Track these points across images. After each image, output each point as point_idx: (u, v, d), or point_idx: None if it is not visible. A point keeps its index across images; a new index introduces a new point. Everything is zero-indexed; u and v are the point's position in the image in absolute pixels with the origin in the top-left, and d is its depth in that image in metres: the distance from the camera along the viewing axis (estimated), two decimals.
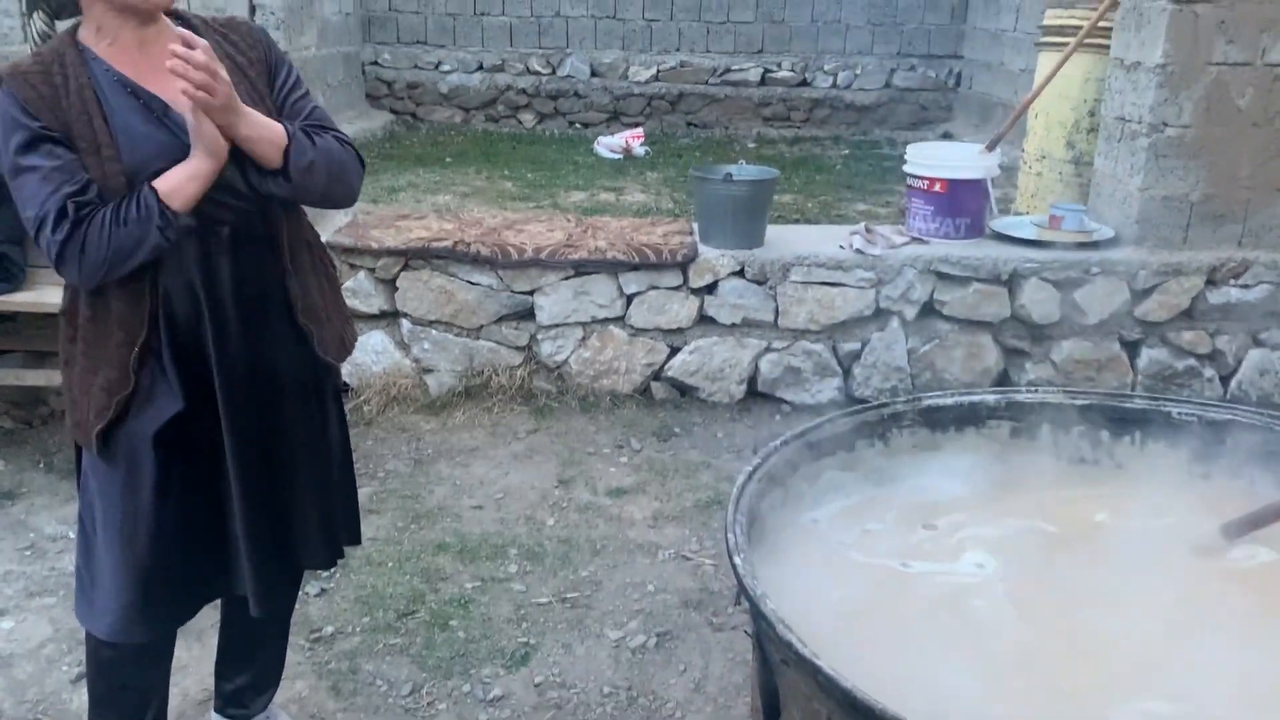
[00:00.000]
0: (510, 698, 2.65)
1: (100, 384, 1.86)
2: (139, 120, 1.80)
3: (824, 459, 1.95)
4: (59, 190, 1.72)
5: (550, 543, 3.37)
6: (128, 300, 1.84)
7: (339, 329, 2.12)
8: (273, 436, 1.99)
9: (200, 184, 1.77)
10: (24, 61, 1.79)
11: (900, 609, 1.55)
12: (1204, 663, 1.37)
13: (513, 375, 4.35)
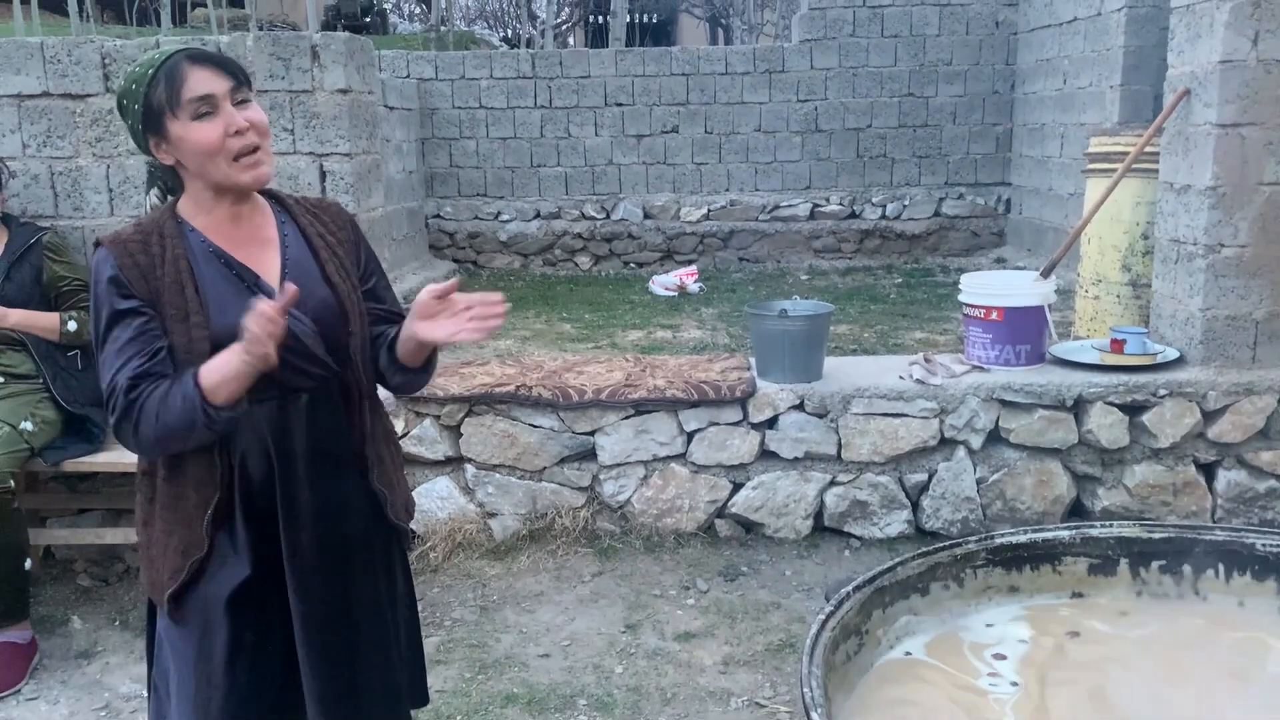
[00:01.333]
0: None
1: (176, 545, 1.90)
2: (230, 289, 1.90)
3: (897, 603, 1.92)
4: (128, 364, 1.80)
5: (619, 692, 3.31)
6: (203, 463, 1.89)
7: (406, 493, 2.16)
8: (342, 601, 2.00)
9: (243, 384, 1.79)
10: (125, 230, 1.91)
11: None
12: None
13: (576, 516, 4.35)
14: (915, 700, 1.67)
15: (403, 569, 2.19)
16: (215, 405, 1.77)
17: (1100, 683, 1.73)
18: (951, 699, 1.66)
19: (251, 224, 1.98)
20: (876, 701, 1.68)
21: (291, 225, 2.04)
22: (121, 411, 1.80)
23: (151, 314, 1.85)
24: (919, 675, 1.75)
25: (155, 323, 1.85)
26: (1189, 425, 4.08)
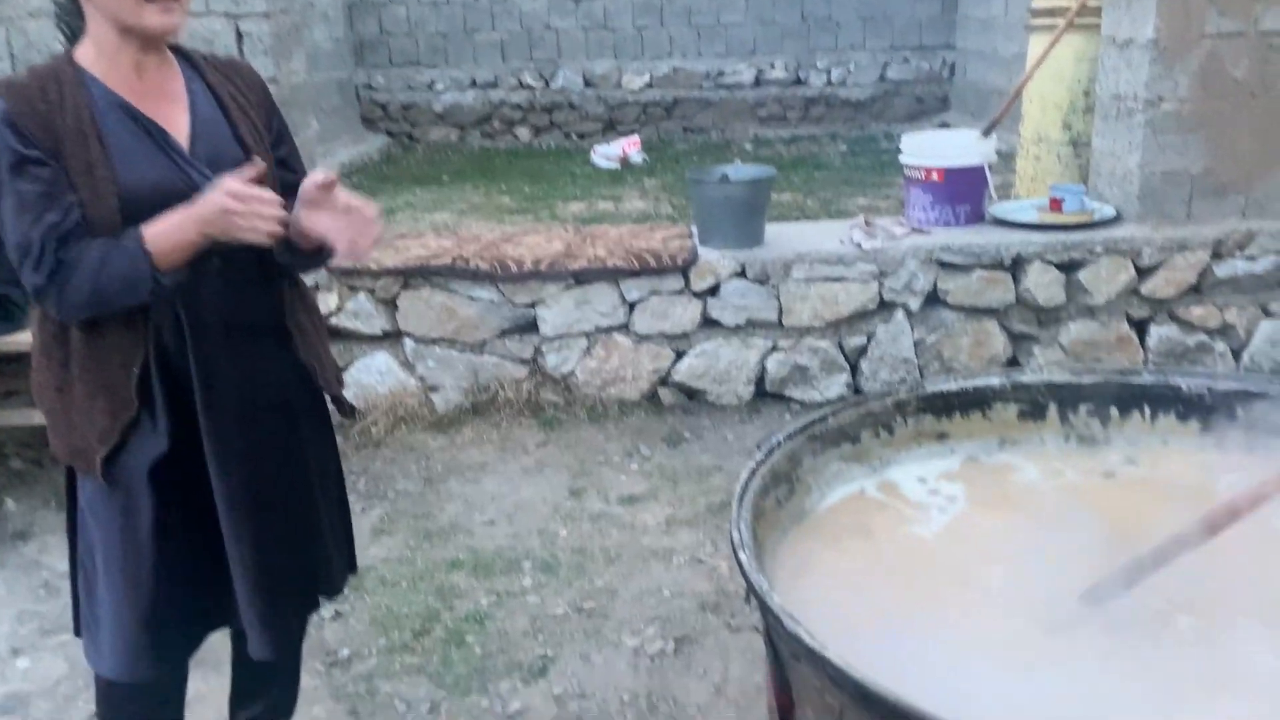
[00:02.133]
0: (530, 711, 2.63)
1: (102, 407, 1.83)
2: (136, 144, 1.78)
3: (829, 450, 1.92)
4: (42, 218, 1.70)
5: (564, 554, 3.35)
6: (125, 326, 1.81)
7: (334, 364, 2.11)
8: (266, 477, 1.96)
9: (192, 254, 1.75)
10: (19, 76, 1.78)
11: (915, 595, 1.53)
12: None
13: (519, 389, 4.34)
14: (849, 539, 1.70)
15: (330, 442, 2.16)
16: (163, 271, 1.72)
17: (1034, 518, 1.76)
18: (884, 537, 1.68)
19: (158, 77, 1.85)
20: (810, 541, 1.70)
21: (200, 83, 1.91)
22: (50, 270, 1.71)
23: (57, 165, 1.74)
24: (852, 516, 1.78)
25: (62, 175, 1.74)
26: (1124, 282, 4.13)
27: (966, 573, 1.59)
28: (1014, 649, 1.36)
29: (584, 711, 2.62)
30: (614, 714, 2.60)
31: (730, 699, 2.64)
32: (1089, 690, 1.26)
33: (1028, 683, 1.28)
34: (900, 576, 1.59)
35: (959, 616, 1.45)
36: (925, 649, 1.35)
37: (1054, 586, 1.49)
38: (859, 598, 1.52)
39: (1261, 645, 1.37)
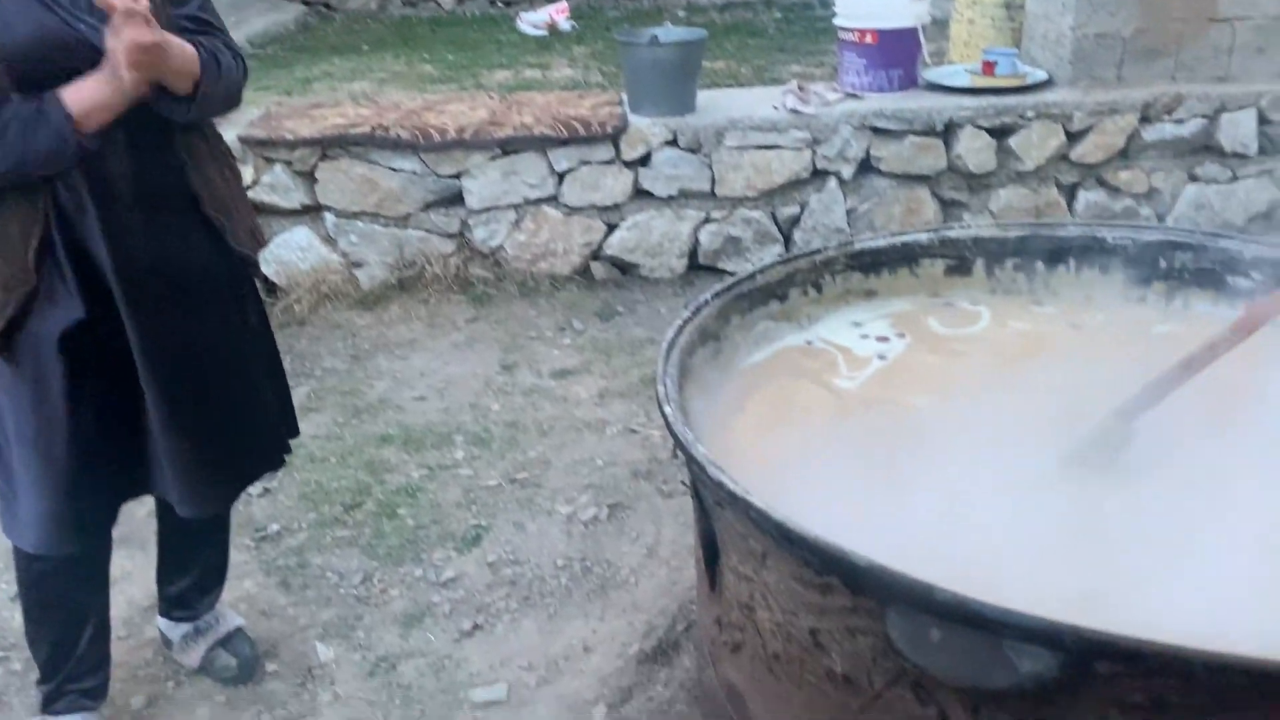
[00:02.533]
0: (464, 578, 2.63)
1: None
2: (11, 2, 1.65)
3: (757, 309, 1.90)
4: None
5: (497, 427, 3.33)
6: (23, 195, 1.71)
7: (248, 220, 2.02)
8: (187, 337, 1.89)
9: (115, 114, 1.69)
10: None
11: (842, 446, 1.52)
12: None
13: (446, 264, 4.24)
14: (777, 391, 1.68)
15: (254, 302, 2.08)
16: (86, 136, 1.66)
17: (963, 366, 1.76)
18: (811, 389, 1.67)
19: None
20: (737, 395, 1.68)
21: None
22: None
23: None
24: (780, 370, 1.76)
25: None
26: (1054, 147, 4.12)
27: (895, 419, 1.59)
28: (942, 487, 1.37)
29: (518, 576, 2.63)
30: (548, 578, 2.62)
31: (663, 560, 2.67)
32: (1006, 520, 1.27)
33: (955, 518, 1.29)
34: (828, 426, 1.58)
35: (890, 461, 1.45)
36: (852, 493, 1.35)
37: (988, 427, 1.50)
38: (785, 446, 1.51)
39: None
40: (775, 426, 1.57)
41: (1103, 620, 0.96)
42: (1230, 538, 1.24)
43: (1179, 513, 1.29)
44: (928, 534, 1.28)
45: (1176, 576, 1.17)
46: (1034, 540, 1.22)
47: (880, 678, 1.15)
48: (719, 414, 1.65)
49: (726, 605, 1.41)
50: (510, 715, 2.22)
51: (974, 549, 1.22)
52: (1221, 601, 1.11)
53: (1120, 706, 1.01)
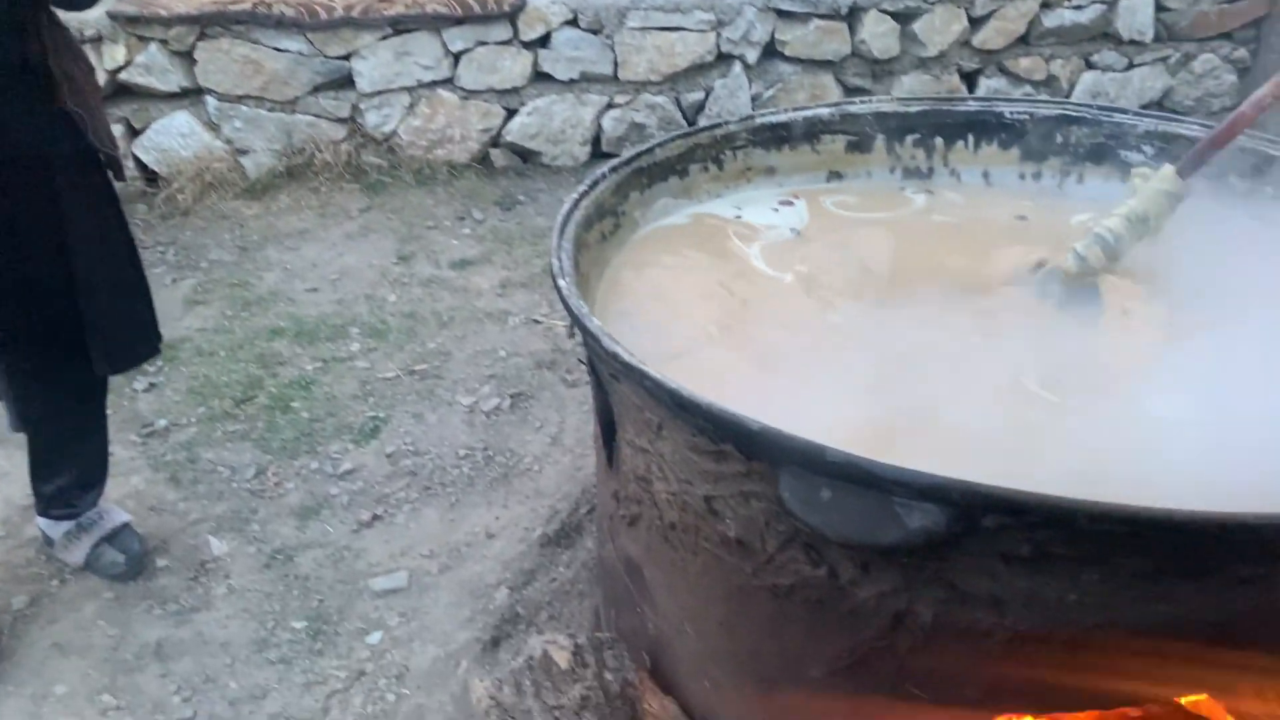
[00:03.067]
0: (362, 470, 2.58)
1: None
2: None
3: (656, 185, 1.85)
4: None
5: (394, 318, 3.24)
6: None
7: (104, 119, 1.90)
8: (41, 233, 1.78)
9: None
10: None
11: (740, 319, 1.50)
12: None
13: (337, 151, 4.06)
14: (674, 265, 1.65)
15: (106, 201, 1.95)
16: None
17: (862, 241, 1.75)
18: (710, 261, 1.64)
19: None
20: (634, 268, 1.64)
21: None
22: None
23: None
24: (680, 243, 1.72)
25: None
26: (956, 32, 4.10)
27: (794, 289, 1.57)
28: (841, 355, 1.36)
29: (418, 467, 2.59)
30: (449, 468, 2.58)
31: (566, 447, 2.65)
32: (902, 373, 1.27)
33: (853, 380, 1.28)
34: (727, 296, 1.56)
35: (791, 330, 1.44)
36: (746, 362, 1.33)
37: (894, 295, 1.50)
38: (684, 319, 1.48)
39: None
40: (673, 300, 1.53)
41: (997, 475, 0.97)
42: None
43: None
44: (826, 399, 1.28)
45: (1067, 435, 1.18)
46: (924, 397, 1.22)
47: (773, 541, 1.15)
48: (616, 289, 1.60)
49: (624, 479, 1.39)
50: (412, 602, 2.20)
51: (874, 410, 1.22)
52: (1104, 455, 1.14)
53: (1006, 559, 1.03)
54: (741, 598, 1.21)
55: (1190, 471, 1.07)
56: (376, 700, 1.98)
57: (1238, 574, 1.01)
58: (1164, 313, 1.47)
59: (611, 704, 1.31)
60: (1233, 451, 1.15)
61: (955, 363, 1.32)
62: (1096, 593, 1.02)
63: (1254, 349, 1.28)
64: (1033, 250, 1.64)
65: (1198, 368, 1.29)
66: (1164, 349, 1.40)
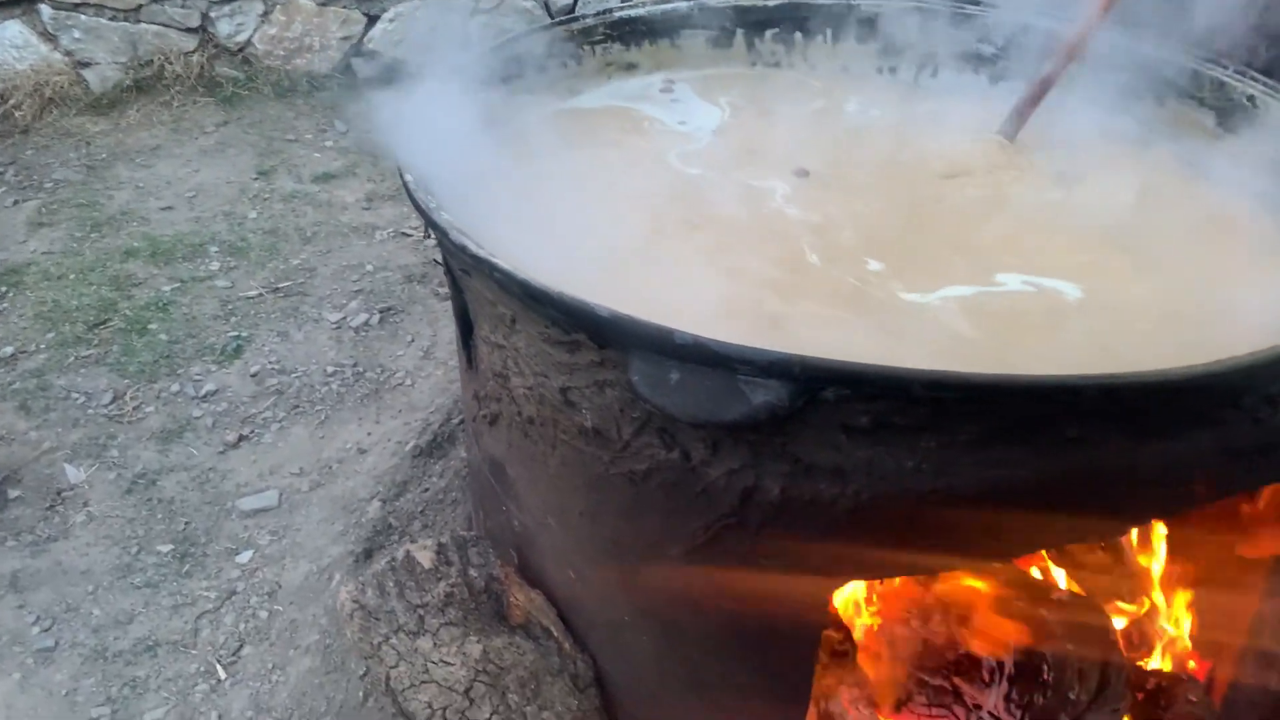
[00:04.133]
0: (225, 391, 2.50)
1: None
2: None
3: (512, 81, 1.80)
4: None
5: (255, 236, 3.12)
6: None
7: None
8: None
9: None
10: None
11: (605, 211, 1.49)
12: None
13: (189, 62, 3.85)
14: (531, 159, 1.62)
15: None
16: None
17: (726, 133, 1.74)
18: (567, 156, 1.61)
19: None
20: (490, 165, 1.60)
21: None
22: None
23: None
24: (538, 138, 1.69)
25: None
26: None
27: (653, 181, 1.56)
28: (694, 238, 1.36)
29: (284, 386, 2.52)
30: (318, 385, 2.53)
31: (439, 360, 2.62)
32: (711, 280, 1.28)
33: (713, 269, 1.29)
34: (582, 190, 1.54)
35: (650, 218, 1.43)
36: (601, 253, 1.32)
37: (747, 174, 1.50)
38: (543, 213, 1.46)
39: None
40: (532, 194, 1.51)
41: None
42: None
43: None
44: (682, 286, 1.28)
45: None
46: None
47: (628, 428, 1.15)
48: (470, 186, 1.57)
49: (483, 379, 1.38)
50: (283, 520, 2.16)
51: (734, 294, 1.23)
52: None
53: (847, 430, 1.06)
54: (600, 486, 1.22)
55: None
56: (249, 618, 1.95)
57: (1065, 435, 1.06)
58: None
59: (476, 599, 1.31)
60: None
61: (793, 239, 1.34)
62: (934, 459, 1.06)
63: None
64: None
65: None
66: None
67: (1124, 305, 1.29)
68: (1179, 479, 1.15)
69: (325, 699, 1.75)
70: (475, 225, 1.40)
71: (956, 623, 1.50)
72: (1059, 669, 1.44)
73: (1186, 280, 1.34)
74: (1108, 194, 1.54)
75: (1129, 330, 1.25)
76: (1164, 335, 1.24)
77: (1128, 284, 1.33)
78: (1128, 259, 1.38)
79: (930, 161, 1.62)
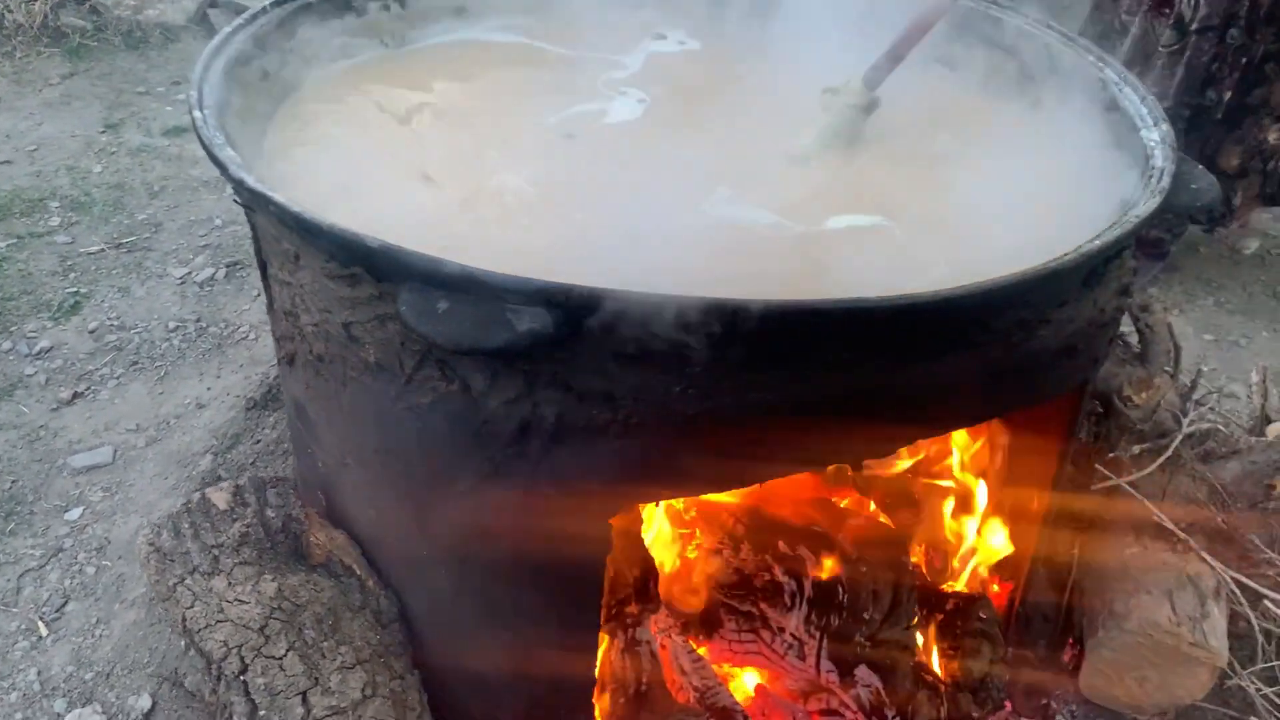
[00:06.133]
0: (61, 348, 2.42)
1: None
2: None
3: (331, 21, 1.77)
4: None
5: (99, 190, 3.01)
6: None
7: None
8: None
9: None
10: None
11: (400, 156, 1.48)
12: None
13: (30, 11, 3.68)
14: (344, 107, 1.60)
15: None
16: None
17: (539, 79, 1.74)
18: (377, 106, 1.60)
19: None
20: (302, 109, 1.58)
21: None
22: None
23: None
24: (353, 86, 1.67)
25: None
26: None
27: (447, 128, 1.56)
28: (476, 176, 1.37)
29: (124, 342, 2.45)
30: (158, 341, 2.47)
31: None
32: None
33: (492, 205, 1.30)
34: (390, 138, 1.53)
35: (442, 163, 1.43)
36: (403, 195, 1.32)
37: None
38: (344, 158, 1.45)
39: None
40: (338, 140, 1.49)
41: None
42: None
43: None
44: (462, 221, 1.29)
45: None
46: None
47: (410, 361, 1.16)
48: (282, 130, 1.54)
49: (278, 318, 1.37)
50: (116, 476, 2.11)
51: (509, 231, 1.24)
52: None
53: (617, 357, 1.08)
54: (389, 422, 1.22)
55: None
56: (75, 574, 1.91)
57: (823, 358, 1.11)
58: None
59: (273, 538, 1.31)
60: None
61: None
62: (700, 382, 1.10)
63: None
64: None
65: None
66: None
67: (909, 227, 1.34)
68: (939, 399, 1.21)
69: (148, 650, 1.73)
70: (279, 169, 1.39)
71: (763, 550, 1.56)
72: (854, 591, 1.50)
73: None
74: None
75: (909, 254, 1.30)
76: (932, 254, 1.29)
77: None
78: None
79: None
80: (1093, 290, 1.27)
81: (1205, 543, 1.63)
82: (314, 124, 1.59)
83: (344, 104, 1.64)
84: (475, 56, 1.86)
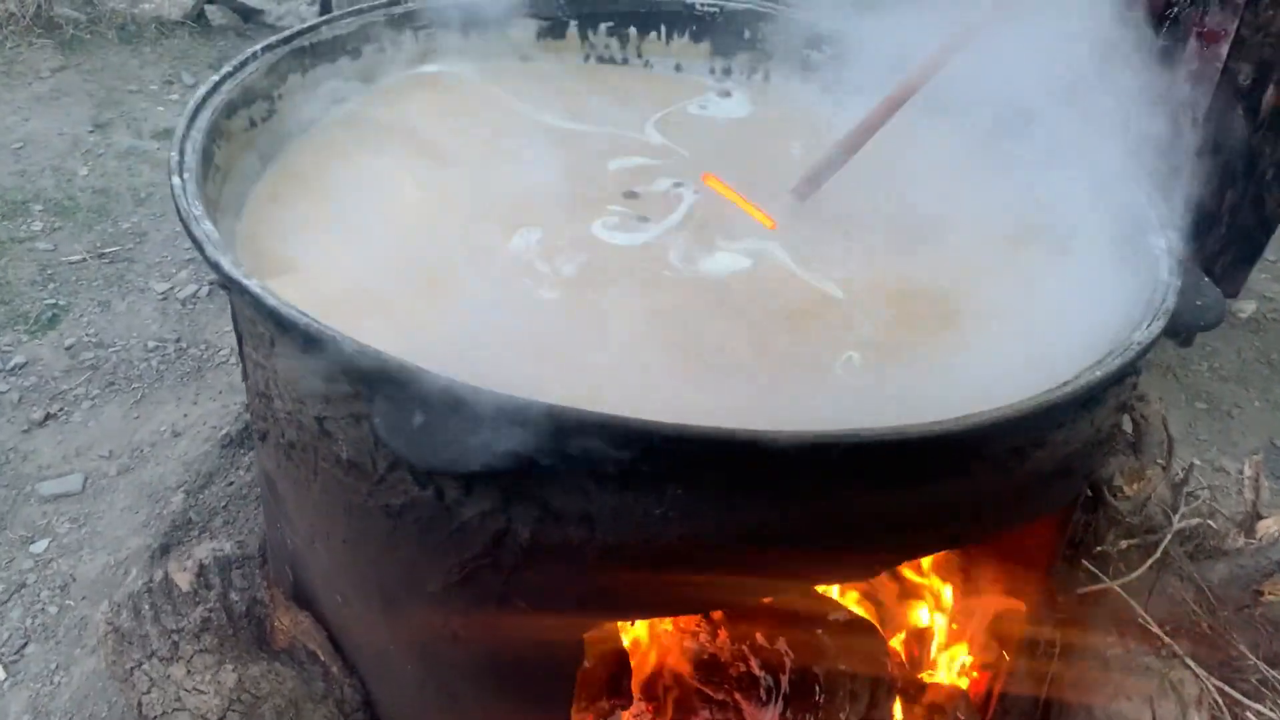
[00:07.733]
0: (36, 364, 2.38)
1: None
2: None
3: (322, 66, 1.72)
4: None
5: (84, 194, 2.96)
6: None
7: None
8: None
9: None
10: None
11: (394, 224, 1.44)
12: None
13: (24, 2, 3.60)
14: (338, 160, 1.55)
15: None
16: None
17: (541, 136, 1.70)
18: (372, 159, 1.55)
19: None
20: (292, 164, 1.53)
21: None
22: None
23: None
24: (347, 137, 1.62)
25: None
26: None
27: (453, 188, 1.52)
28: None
29: (101, 361, 2.41)
30: (137, 361, 2.42)
31: None
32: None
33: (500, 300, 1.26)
34: (386, 197, 1.48)
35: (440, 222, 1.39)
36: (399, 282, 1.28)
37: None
38: (337, 222, 1.40)
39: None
40: (332, 198, 1.44)
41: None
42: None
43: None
44: (455, 321, 1.25)
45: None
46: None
47: (383, 462, 1.12)
48: (266, 183, 1.50)
49: (251, 393, 1.33)
50: (85, 507, 2.07)
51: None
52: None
53: (596, 478, 1.05)
54: (360, 516, 1.18)
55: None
56: (37, 614, 1.87)
57: (807, 485, 1.07)
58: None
59: (236, 624, 1.27)
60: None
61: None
62: (680, 505, 1.06)
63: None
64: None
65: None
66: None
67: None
68: (927, 524, 1.17)
69: (107, 703, 1.69)
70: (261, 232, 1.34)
71: (740, 640, 1.52)
72: (830, 689, 1.47)
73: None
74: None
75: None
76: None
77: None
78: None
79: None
80: (1091, 412, 1.24)
81: (1190, 647, 1.60)
82: (308, 176, 1.54)
83: (338, 155, 1.59)
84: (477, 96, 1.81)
